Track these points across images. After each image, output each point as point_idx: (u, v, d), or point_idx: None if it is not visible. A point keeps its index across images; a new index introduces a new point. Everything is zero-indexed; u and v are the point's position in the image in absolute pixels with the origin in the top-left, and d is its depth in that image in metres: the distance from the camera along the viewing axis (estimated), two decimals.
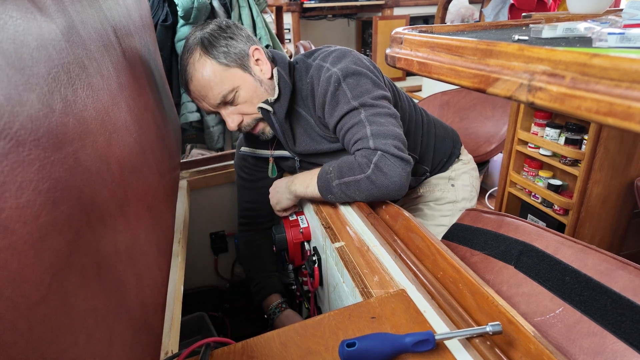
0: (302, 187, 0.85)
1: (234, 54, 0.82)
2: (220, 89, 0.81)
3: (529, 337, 0.41)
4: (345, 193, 0.78)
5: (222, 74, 0.81)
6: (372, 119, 0.77)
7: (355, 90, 0.80)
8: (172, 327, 0.55)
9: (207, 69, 0.80)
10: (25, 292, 0.21)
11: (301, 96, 0.89)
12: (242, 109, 0.85)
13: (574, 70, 0.30)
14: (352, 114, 0.79)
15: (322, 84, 0.82)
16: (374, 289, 0.57)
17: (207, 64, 0.80)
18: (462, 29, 0.58)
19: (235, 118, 0.84)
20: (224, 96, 0.82)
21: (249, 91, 0.83)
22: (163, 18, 1.44)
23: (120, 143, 0.43)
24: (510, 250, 0.63)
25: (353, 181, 0.76)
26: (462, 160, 1.08)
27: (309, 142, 0.91)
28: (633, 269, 0.51)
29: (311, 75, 0.86)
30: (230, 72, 0.82)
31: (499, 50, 0.37)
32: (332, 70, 0.82)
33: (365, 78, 0.81)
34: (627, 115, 0.26)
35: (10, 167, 0.21)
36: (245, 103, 0.84)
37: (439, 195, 1.03)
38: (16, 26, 0.26)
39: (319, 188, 0.81)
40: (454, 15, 2.89)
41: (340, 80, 0.80)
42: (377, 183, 0.74)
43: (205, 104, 0.85)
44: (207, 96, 0.82)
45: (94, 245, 0.31)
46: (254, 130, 0.89)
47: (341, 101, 0.80)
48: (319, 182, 0.81)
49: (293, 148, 0.94)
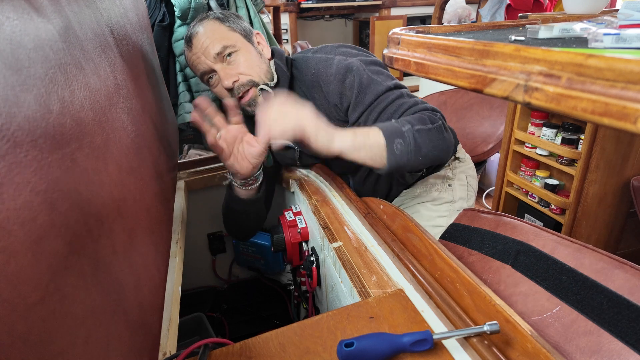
0: (358, 133, 0.73)
1: (240, 27, 0.89)
2: (222, 40, 0.84)
3: (526, 336, 0.41)
4: (416, 140, 0.74)
5: (226, 32, 0.86)
6: (410, 95, 0.83)
7: (382, 76, 0.85)
8: (170, 328, 0.55)
9: (214, 25, 0.86)
10: (23, 293, 0.21)
11: (303, 86, 0.91)
12: (240, 68, 0.86)
13: (570, 70, 0.30)
14: (389, 93, 0.83)
15: (339, 72, 0.85)
16: (372, 289, 0.57)
17: (216, 23, 0.86)
18: (459, 30, 0.58)
19: (231, 76, 0.85)
20: (225, 47, 0.84)
21: (249, 57, 0.86)
22: (160, 18, 1.44)
23: (117, 144, 0.43)
24: (507, 250, 0.64)
25: (425, 130, 0.75)
26: (459, 160, 1.08)
27: None
28: (629, 268, 0.52)
29: (316, 67, 0.88)
30: (233, 34, 0.87)
31: (496, 50, 0.37)
32: (350, 60, 0.86)
33: (383, 68, 0.87)
34: (623, 115, 0.26)
35: (8, 168, 0.21)
36: (245, 62, 0.86)
37: (436, 196, 1.03)
38: (13, 27, 0.26)
39: (385, 134, 0.73)
40: (451, 15, 2.90)
41: (364, 68, 0.84)
42: (445, 136, 0.76)
43: (203, 59, 0.85)
44: (208, 47, 0.84)
45: (91, 247, 0.31)
46: (245, 96, 0.87)
47: (373, 83, 0.83)
48: (385, 129, 0.74)
49: None
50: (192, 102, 0.76)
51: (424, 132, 0.75)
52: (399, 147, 0.73)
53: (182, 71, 1.56)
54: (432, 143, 0.75)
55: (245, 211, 0.92)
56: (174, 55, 1.49)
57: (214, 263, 1.22)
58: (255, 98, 0.88)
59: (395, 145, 0.73)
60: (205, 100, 0.72)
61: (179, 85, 1.66)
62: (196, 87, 1.70)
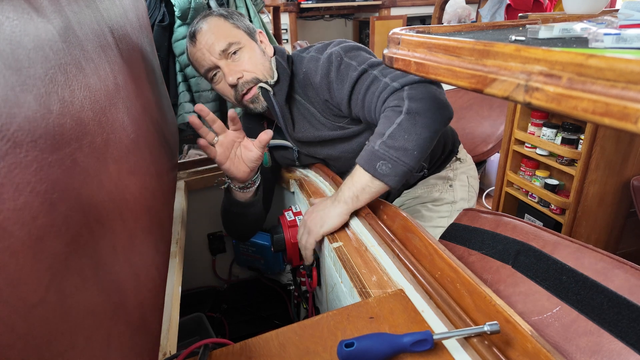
0: (349, 186, 0.73)
1: (244, 24, 0.89)
2: (228, 37, 0.84)
3: (526, 336, 0.41)
4: (394, 147, 0.68)
5: (231, 29, 0.86)
6: (385, 72, 0.78)
7: (359, 59, 0.82)
8: (170, 328, 0.55)
9: (219, 22, 0.86)
10: (23, 294, 0.21)
11: (299, 85, 0.90)
12: (244, 65, 0.86)
13: (570, 70, 0.30)
14: (364, 76, 0.80)
15: (323, 65, 0.84)
16: (372, 289, 0.57)
17: (221, 20, 0.87)
18: (460, 30, 0.58)
19: (236, 72, 0.85)
20: (230, 43, 0.84)
21: (253, 55, 0.87)
22: (160, 18, 1.44)
23: (117, 144, 0.43)
24: (507, 250, 0.64)
25: (396, 128, 0.68)
26: (460, 160, 1.08)
27: (309, 128, 0.92)
28: (629, 267, 0.52)
29: (307, 66, 0.88)
30: (237, 32, 0.87)
31: (496, 50, 0.37)
32: (332, 50, 0.85)
33: (364, 52, 0.85)
34: (623, 115, 0.26)
35: (8, 168, 0.21)
36: (249, 60, 0.86)
37: (437, 196, 1.03)
38: (13, 27, 0.25)
39: (363, 166, 0.71)
40: (451, 15, 2.90)
41: (342, 56, 0.83)
42: (420, 112, 0.67)
43: (207, 55, 0.85)
44: (213, 44, 0.84)
45: (91, 247, 0.31)
46: (248, 93, 0.87)
47: (349, 70, 0.81)
48: (361, 160, 0.72)
49: (292, 134, 0.94)
50: (194, 107, 0.76)
51: (396, 133, 0.69)
52: (383, 169, 0.70)
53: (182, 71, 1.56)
54: (414, 133, 0.68)
55: (243, 213, 0.92)
56: (174, 55, 1.49)
57: (214, 263, 1.21)
58: (257, 96, 0.88)
59: (380, 168, 0.70)
60: (205, 108, 0.76)
61: (179, 85, 1.66)
62: (196, 87, 1.70)
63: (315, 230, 0.74)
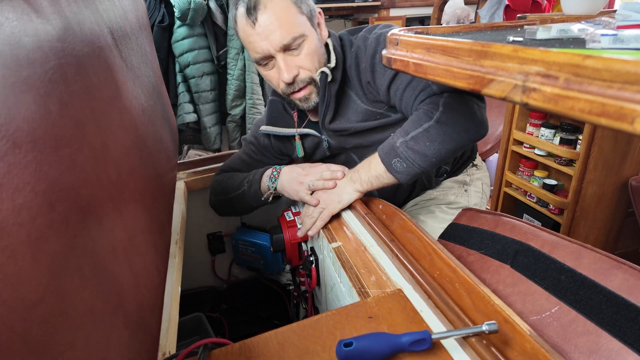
0: (366, 170, 0.76)
1: (308, 6, 0.80)
2: (293, 29, 0.76)
3: (525, 336, 0.41)
4: (413, 150, 0.69)
5: (296, 17, 0.77)
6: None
7: None
8: (170, 328, 0.55)
9: (286, 4, 0.75)
10: (22, 294, 0.21)
11: (350, 68, 0.86)
12: (301, 61, 0.80)
13: (567, 71, 0.30)
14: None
15: (370, 45, 0.80)
16: (371, 289, 0.57)
17: (287, 1, 0.76)
18: (458, 30, 0.59)
19: (292, 69, 0.79)
20: (294, 38, 0.76)
21: (312, 48, 0.80)
22: (160, 19, 1.44)
23: (117, 144, 0.43)
24: (506, 250, 0.64)
25: (421, 132, 0.68)
26: (476, 167, 1.07)
27: (347, 119, 0.88)
28: (628, 267, 0.52)
29: (357, 45, 0.84)
30: (302, 19, 0.78)
31: (494, 51, 0.37)
32: (381, 31, 0.81)
33: None
34: (620, 115, 0.26)
35: (7, 169, 0.21)
36: (307, 56, 0.79)
37: (452, 199, 1.01)
38: (12, 27, 0.26)
39: (381, 158, 0.73)
40: (450, 16, 2.90)
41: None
42: (450, 123, 0.66)
43: (265, 44, 0.76)
44: (275, 33, 0.75)
45: (91, 247, 0.31)
46: (301, 90, 0.83)
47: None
48: (381, 152, 0.73)
49: (327, 125, 0.89)
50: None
51: (420, 136, 0.70)
52: (398, 166, 0.72)
53: (182, 72, 1.56)
54: (436, 142, 0.69)
55: (253, 207, 0.98)
56: (173, 56, 1.49)
57: (214, 263, 1.22)
58: (310, 94, 0.84)
59: (395, 165, 0.73)
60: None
61: (179, 85, 1.67)
62: (195, 88, 1.70)
63: (333, 205, 0.79)
